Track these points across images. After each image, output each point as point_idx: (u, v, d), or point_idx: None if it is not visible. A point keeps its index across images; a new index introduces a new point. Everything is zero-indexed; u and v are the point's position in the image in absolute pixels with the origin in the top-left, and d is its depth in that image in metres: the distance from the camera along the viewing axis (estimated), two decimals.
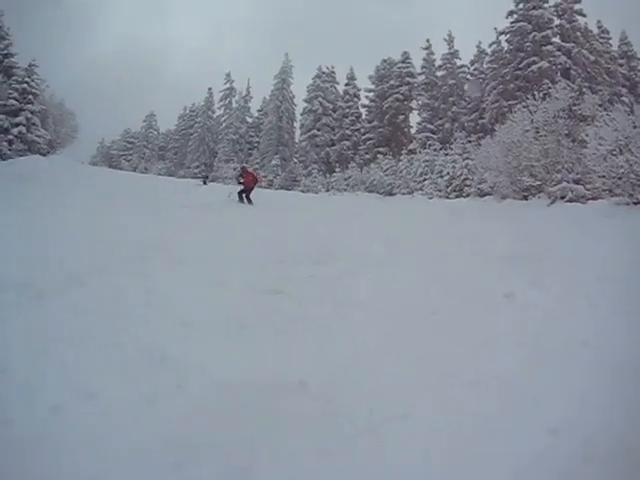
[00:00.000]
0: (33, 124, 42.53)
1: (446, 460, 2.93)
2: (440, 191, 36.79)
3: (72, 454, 2.84)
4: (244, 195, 20.48)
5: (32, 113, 42.47)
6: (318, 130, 58.19)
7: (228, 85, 69.03)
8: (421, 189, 39.05)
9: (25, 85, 42.91)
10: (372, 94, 57.77)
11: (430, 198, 36.27)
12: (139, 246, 8.54)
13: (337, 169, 51.18)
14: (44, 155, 40.43)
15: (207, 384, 3.69)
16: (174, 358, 4.08)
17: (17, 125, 41.07)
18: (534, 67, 41.45)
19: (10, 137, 40.32)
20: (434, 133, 50.38)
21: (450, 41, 53.81)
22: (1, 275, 5.98)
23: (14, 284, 5.60)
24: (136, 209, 15.10)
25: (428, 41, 55.17)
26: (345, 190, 46.18)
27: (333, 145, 57.74)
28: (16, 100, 41.94)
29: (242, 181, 20.93)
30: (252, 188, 20.79)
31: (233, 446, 3.00)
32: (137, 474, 2.81)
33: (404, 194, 40.04)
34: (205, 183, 40.79)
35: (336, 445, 3.05)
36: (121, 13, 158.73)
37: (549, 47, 41.96)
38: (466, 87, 52.63)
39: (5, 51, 46.78)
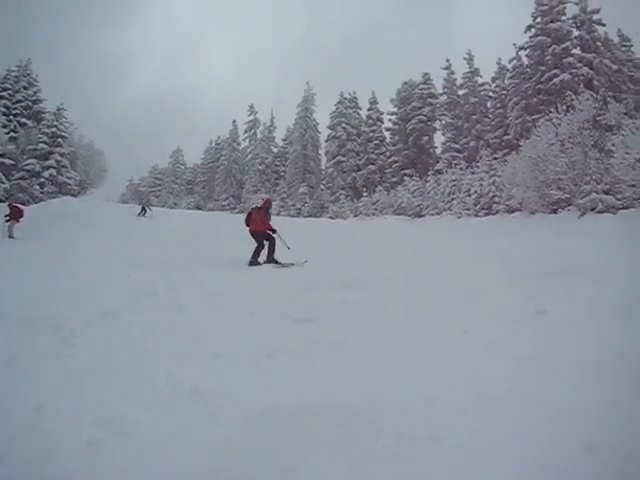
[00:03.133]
0: (63, 166, 43.72)
1: None
2: (469, 210, 36.60)
3: None
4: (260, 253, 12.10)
5: (62, 155, 43.76)
6: (343, 156, 58.33)
7: (252, 117, 69.71)
8: (449, 209, 38.85)
9: (54, 129, 44.12)
10: (395, 117, 57.83)
11: (459, 217, 36.08)
12: (170, 280, 8.72)
13: (364, 194, 51.17)
14: (75, 196, 41.32)
15: (238, 414, 3.75)
16: (205, 390, 4.16)
17: (48, 168, 42.34)
18: (556, 80, 41.17)
19: (41, 180, 41.51)
20: (459, 152, 50.17)
21: (470, 59, 53.75)
22: (35, 315, 6.17)
23: (48, 324, 5.79)
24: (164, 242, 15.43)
25: (448, 61, 55.23)
26: (373, 214, 46.15)
27: (359, 170, 57.79)
28: (46, 144, 43.26)
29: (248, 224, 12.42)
30: (261, 233, 12.21)
31: (269, 474, 3.03)
32: None
33: (433, 215, 39.90)
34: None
35: (368, 469, 3.04)
36: (151, 55, 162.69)
37: (570, 59, 41.67)
38: (488, 104, 52.53)
39: (34, 97, 48.46)
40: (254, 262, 11.64)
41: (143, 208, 32.67)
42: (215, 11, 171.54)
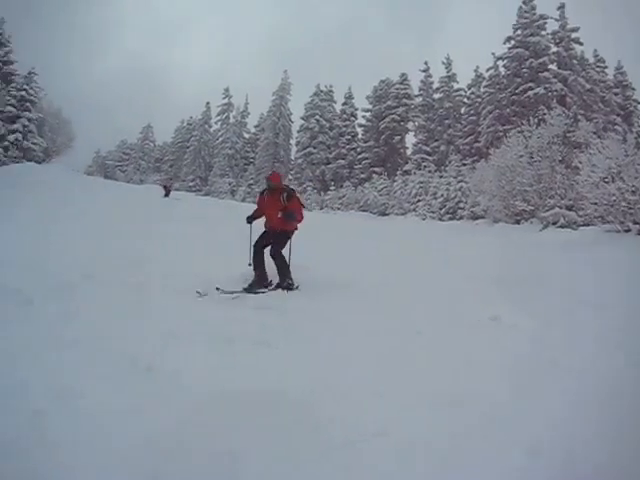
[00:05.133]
0: (29, 131, 42.68)
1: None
2: (433, 213, 36.97)
3: (51, 460, 2.82)
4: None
5: (29, 120, 42.66)
6: (314, 148, 58.40)
7: (226, 100, 69.31)
8: (415, 210, 39.21)
9: (24, 92, 43.08)
10: (369, 114, 58.24)
11: (423, 219, 36.42)
12: (128, 256, 8.56)
13: (332, 187, 51.34)
14: (39, 163, 40.46)
15: (190, 396, 3.71)
16: (159, 368, 4.12)
17: (14, 132, 41.21)
18: (530, 93, 41.89)
19: (6, 144, 40.39)
20: (429, 155, 50.70)
21: (448, 64, 54.44)
22: None
23: (4, 290, 5.63)
24: (128, 219, 15.14)
25: (426, 64, 55.92)
26: (339, 209, 46.28)
27: (329, 163, 57.92)
28: (14, 107, 42.09)
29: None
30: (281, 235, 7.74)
31: (215, 454, 3.00)
32: None
33: (398, 214, 40.17)
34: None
35: (310, 457, 3.05)
36: (130, 32, 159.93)
37: (546, 74, 42.45)
38: (462, 110, 53.07)
39: (5, 58, 47.00)
40: (259, 285, 7.42)
41: (167, 191, 32.85)
42: None
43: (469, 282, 8.66)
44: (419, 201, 39.85)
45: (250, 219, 8.06)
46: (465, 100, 53.57)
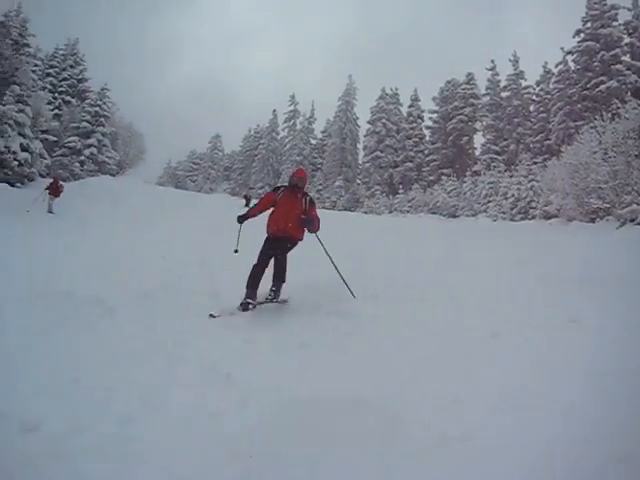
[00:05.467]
0: (104, 145, 44.68)
1: None
2: (504, 213, 36.33)
3: (136, 464, 3.00)
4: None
5: (103, 135, 44.69)
6: (381, 152, 58.37)
7: (292, 107, 70.08)
8: (485, 211, 38.63)
9: (97, 108, 45.01)
10: (436, 115, 57.76)
11: (494, 220, 35.82)
12: (204, 263, 8.88)
13: (400, 191, 51.16)
14: (113, 175, 42.15)
15: (269, 399, 3.85)
16: (239, 374, 4.29)
17: (89, 146, 43.29)
18: (602, 87, 40.55)
19: (82, 158, 42.41)
20: (499, 154, 49.83)
21: (515, 62, 53.29)
22: (72, 291, 6.42)
23: (85, 300, 6.02)
24: (200, 227, 15.57)
25: (493, 62, 54.96)
26: (408, 212, 46.08)
27: (396, 166, 57.77)
28: (88, 122, 44.16)
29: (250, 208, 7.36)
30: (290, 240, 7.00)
31: (295, 461, 3.06)
32: None
33: (468, 216, 39.71)
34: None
35: (394, 463, 3.04)
36: (198, 45, 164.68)
37: (618, 66, 40.94)
38: (531, 108, 51.95)
39: (80, 76, 49.58)
40: (250, 302, 6.49)
41: (248, 200, 35.34)
42: (264, 4, 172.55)
43: (546, 283, 8.50)
44: (489, 202, 39.25)
45: (243, 218, 7.00)
46: (534, 97, 52.23)
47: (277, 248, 6.86)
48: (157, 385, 4.05)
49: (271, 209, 7.07)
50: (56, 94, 47.87)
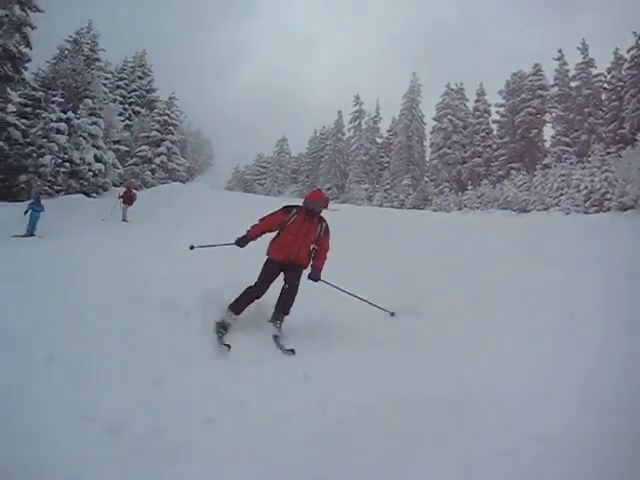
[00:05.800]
0: (173, 153, 46.32)
1: None
2: (578, 206, 35.52)
3: (218, 464, 3.16)
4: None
5: (172, 143, 46.29)
6: (449, 148, 57.87)
7: (357, 107, 70.01)
8: (557, 204, 37.84)
9: (166, 117, 46.68)
10: (503, 109, 56.92)
11: (567, 213, 35.09)
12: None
13: (469, 187, 50.62)
14: (183, 182, 43.53)
15: (345, 399, 3.97)
16: (316, 375, 4.49)
17: (159, 155, 45.01)
18: None
19: (153, 166, 44.09)
20: (569, 146, 48.74)
21: (584, 49, 51.85)
22: (150, 296, 6.59)
23: (161, 305, 6.14)
24: None
25: (560, 51, 53.58)
26: (478, 208, 45.60)
27: (464, 163, 57.20)
28: (158, 131, 45.90)
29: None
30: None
31: (376, 461, 3.16)
32: None
33: (539, 210, 39.01)
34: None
35: (475, 464, 3.08)
36: (260, 50, 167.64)
37: None
38: (603, 96, 50.51)
39: (148, 87, 51.76)
40: (225, 327, 5.45)
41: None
42: (327, 7, 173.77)
43: (628, 280, 8.31)
44: (561, 195, 38.39)
45: (244, 242, 5.97)
46: (605, 85, 50.78)
47: (286, 273, 5.94)
48: (236, 387, 4.22)
49: (276, 231, 6.06)
50: (126, 105, 50.08)
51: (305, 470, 3.11)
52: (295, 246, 5.84)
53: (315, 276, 5.97)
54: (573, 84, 52.46)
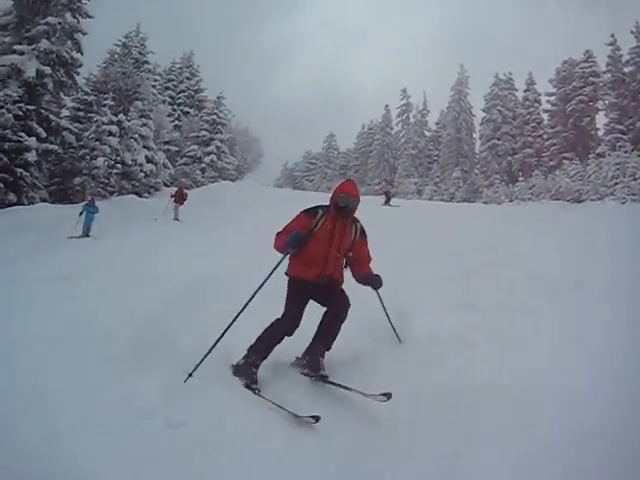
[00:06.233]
0: (222, 152, 47.26)
1: None
2: (634, 195, 34.77)
3: (272, 463, 3.22)
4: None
5: (221, 142, 47.34)
6: (498, 139, 57.23)
7: (405, 101, 69.78)
8: (612, 194, 37.07)
9: (214, 116, 47.62)
10: (553, 98, 55.91)
11: (623, 203, 34.32)
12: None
13: (520, 178, 49.94)
14: (233, 180, 44.35)
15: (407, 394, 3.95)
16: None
17: (208, 154, 46.03)
18: None
19: (203, 165, 45.15)
20: (624, 134, 47.50)
21: (638, 33, 50.36)
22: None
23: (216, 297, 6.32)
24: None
25: (613, 36, 52.16)
26: (530, 199, 44.97)
27: (515, 154, 56.47)
28: (207, 131, 46.96)
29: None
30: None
31: (431, 455, 3.24)
32: None
33: (593, 200, 38.26)
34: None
35: (527, 463, 3.06)
36: (308, 47, 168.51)
37: None
38: None
39: (196, 87, 52.89)
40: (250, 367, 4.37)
41: (388, 199, 34.93)
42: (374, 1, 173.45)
43: None
44: (616, 184, 37.62)
45: (293, 246, 4.56)
46: None
47: (322, 296, 4.68)
48: (288, 381, 4.31)
49: None
50: (175, 106, 51.33)
51: (359, 468, 3.24)
52: (330, 258, 4.59)
53: (378, 280, 4.85)
54: (626, 69, 51.03)
